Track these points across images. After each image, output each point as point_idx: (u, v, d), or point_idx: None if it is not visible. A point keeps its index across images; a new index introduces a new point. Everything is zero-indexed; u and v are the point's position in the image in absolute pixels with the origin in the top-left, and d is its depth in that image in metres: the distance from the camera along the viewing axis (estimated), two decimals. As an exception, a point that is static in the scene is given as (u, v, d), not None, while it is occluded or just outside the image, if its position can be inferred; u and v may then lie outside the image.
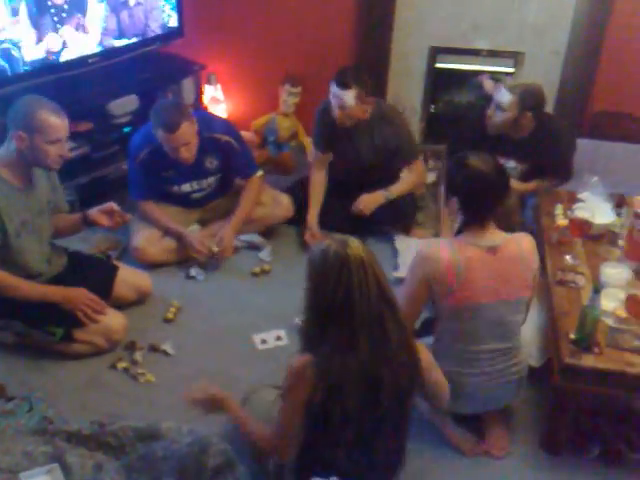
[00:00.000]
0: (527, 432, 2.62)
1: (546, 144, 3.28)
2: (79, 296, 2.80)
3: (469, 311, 2.32)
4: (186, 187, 3.43)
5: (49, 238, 2.92)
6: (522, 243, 2.38)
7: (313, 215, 3.60)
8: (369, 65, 3.93)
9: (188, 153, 3.19)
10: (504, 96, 3.19)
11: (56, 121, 2.62)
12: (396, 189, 3.57)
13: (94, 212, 2.95)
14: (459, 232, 2.37)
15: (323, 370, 1.89)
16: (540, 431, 2.59)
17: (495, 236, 2.34)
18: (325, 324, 1.91)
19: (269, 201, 3.60)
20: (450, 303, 2.32)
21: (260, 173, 3.56)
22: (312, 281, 1.93)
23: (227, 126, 3.46)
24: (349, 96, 3.31)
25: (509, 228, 2.50)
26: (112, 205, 2.93)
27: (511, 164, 3.39)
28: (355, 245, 1.89)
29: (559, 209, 3.13)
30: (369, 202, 3.53)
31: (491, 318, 2.33)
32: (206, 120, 3.36)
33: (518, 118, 3.22)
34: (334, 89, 3.33)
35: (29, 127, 2.59)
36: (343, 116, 3.38)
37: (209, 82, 4.28)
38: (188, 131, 3.13)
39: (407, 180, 3.61)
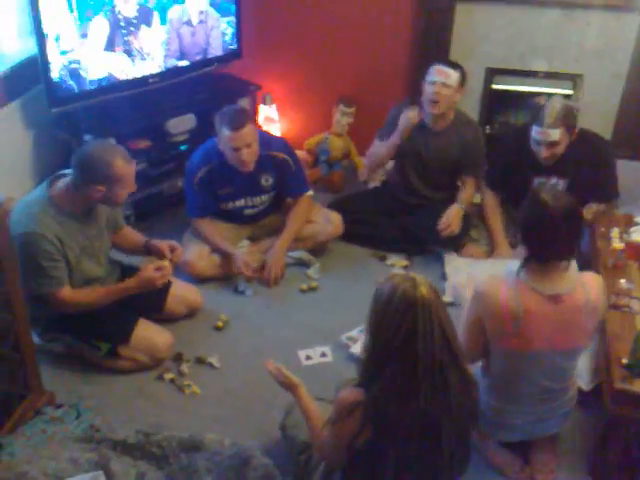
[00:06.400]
0: (575, 458, 2.54)
1: (585, 154, 3.23)
2: (149, 275, 2.81)
3: (520, 357, 2.25)
4: (240, 202, 3.46)
5: (107, 256, 2.98)
6: (591, 291, 2.21)
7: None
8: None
9: (250, 157, 3.21)
10: (553, 135, 3.11)
11: (130, 169, 2.67)
12: (465, 199, 3.55)
13: (158, 242, 3.01)
14: (521, 268, 2.22)
15: (373, 414, 1.85)
16: (589, 457, 2.52)
17: (562, 282, 2.18)
18: (384, 363, 1.86)
19: (320, 219, 3.61)
20: (502, 346, 2.25)
21: (310, 193, 3.59)
22: (375, 317, 1.86)
23: (285, 145, 3.50)
24: (454, 74, 3.35)
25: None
26: (174, 243, 3.02)
27: (553, 180, 3.34)
28: (425, 288, 1.81)
29: (615, 232, 3.06)
30: (454, 217, 3.47)
31: (543, 364, 2.26)
32: (264, 138, 3.38)
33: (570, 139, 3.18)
34: (435, 68, 3.35)
35: (108, 180, 2.61)
36: (442, 97, 3.34)
37: (264, 102, 4.34)
38: (251, 132, 3.17)
39: (468, 192, 3.58)
